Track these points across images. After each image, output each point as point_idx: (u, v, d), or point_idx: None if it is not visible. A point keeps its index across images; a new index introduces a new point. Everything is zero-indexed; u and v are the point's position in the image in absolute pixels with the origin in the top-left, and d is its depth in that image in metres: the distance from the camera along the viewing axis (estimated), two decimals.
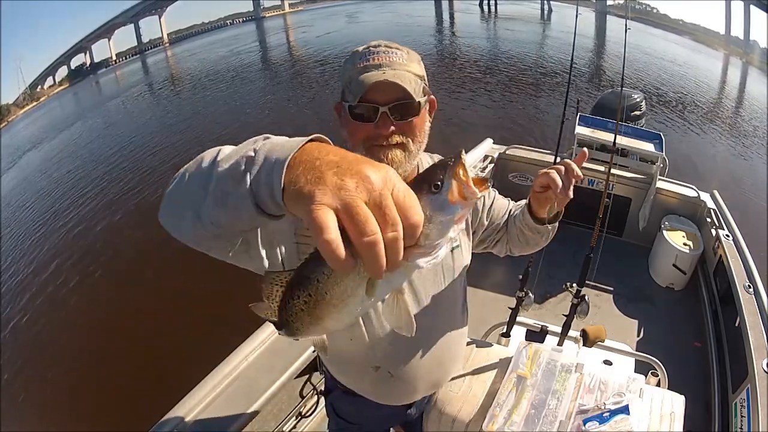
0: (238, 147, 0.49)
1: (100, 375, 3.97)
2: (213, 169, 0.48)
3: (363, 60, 0.80)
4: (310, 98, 11.88)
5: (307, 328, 0.48)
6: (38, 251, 6.72)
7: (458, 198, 0.38)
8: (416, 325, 0.78)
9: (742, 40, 22.29)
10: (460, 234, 0.97)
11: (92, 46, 33.71)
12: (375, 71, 0.78)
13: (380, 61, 0.80)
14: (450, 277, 0.96)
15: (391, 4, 30.19)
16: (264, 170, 0.42)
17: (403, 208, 0.36)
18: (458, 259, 0.97)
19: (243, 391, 1.38)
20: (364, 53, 0.81)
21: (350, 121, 0.81)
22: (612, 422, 0.96)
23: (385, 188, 0.36)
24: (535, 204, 0.94)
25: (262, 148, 0.44)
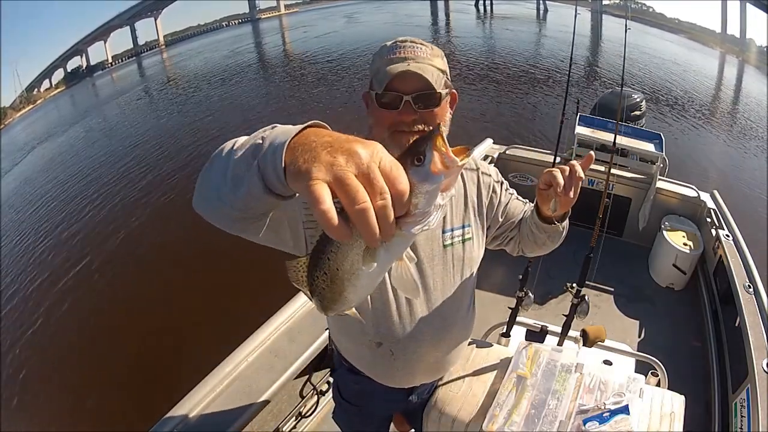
0: (251, 135, 0.54)
1: (99, 375, 3.96)
2: (230, 156, 0.54)
3: (390, 53, 0.87)
4: (309, 98, 11.88)
5: (335, 305, 0.52)
6: (38, 251, 6.72)
7: (441, 167, 0.41)
8: (422, 309, 0.92)
9: (738, 39, 22.29)
10: (476, 229, 1.00)
11: (88, 49, 33.73)
12: (400, 63, 0.84)
13: (406, 54, 0.86)
14: (459, 266, 0.99)
15: (388, 4, 30.20)
16: (269, 153, 0.47)
17: (390, 179, 0.39)
18: (469, 251, 1.00)
19: (243, 391, 1.38)
20: (392, 47, 0.88)
21: (377, 108, 0.87)
22: (612, 422, 0.96)
23: (372, 161, 0.39)
24: (540, 202, 1.00)
25: (269, 136, 0.50)
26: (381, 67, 0.86)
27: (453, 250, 0.96)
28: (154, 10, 35.62)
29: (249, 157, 0.50)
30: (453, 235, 0.96)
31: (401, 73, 0.83)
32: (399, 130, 0.85)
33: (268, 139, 0.49)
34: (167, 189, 7.57)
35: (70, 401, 3.81)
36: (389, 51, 0.88)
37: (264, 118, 10.51)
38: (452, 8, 29.43)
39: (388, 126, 0.86)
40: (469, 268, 1.02)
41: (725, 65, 17.72)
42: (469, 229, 0.99)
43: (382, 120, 0.87)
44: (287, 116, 10.61)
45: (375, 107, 0.88)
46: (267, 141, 0.49)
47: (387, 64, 0.86)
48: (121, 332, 4.41)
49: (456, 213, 0.98)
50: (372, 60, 0.92)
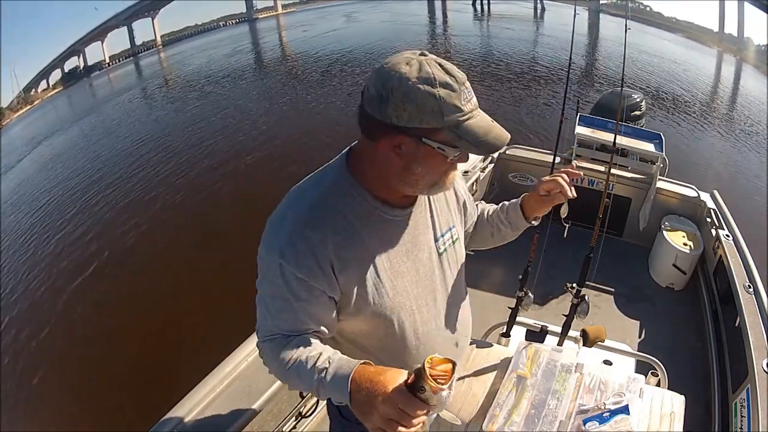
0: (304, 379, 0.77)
1: (99, 375, 3.97)
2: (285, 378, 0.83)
3: (466, 101, 0.73)
4: (306, 98, 11.88)
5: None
6: (38, 251, 6.72)
7: (435, 389, 0.62)
8: (437, 323, 0.96)
9: (736, 37, 22.28)
10: (459, 227, 1.00)
11: (86, 49, 33.53)
12: (481, 118, 0.76)
13: (473, 100, 0.75)
14: (455, 268, 0.99)
15: (385, 4, 30.13)
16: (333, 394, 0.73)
17: (408, 410, 0.63)
18: (459, 251, 1.00)
19: (243, 391, 1.38)
20: (462, 92, 0.72)
21: (444, 162, 0.77)
22: (612, 422, 0.96)
23: (396, 410, 0.64)
24: (537, 205, 1.04)
25: (321, 388, 0.75)
26: (462, 121, 0.72)
27: (447, 255, 0.96)
28: (152, 10, 35.51)
29: (316, 392, 0.76)
30: (444, 241, 0.95)
31: (502, 138, 0.76)
32: (451, 171, 0.81)
33: (323, 391, 0.74)
34: (169, 189, 7.57)
35: (70, 401, 3.82)
36: (466, 97, 0.73)
37: (263, 118, 10.52)
38: (449, 7, 29.39)
39: (445, 171, 0.80)
40: (462, 266, 1.02)
41: (724, 64, 17.71)
42: (455, 229, 0.99)
43: (440, 169, 0.79)
44: (286, 116, 10.61)
45: (442, 161, 0.77)
46: (322, 392, 0.75)
47: (469, 117, 0.73)
48: (121, 332, 4.42)
49: (442, 217, 0.96)
50: (424, 98, 0.70)
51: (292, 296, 0.79)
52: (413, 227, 0.88)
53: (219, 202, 6.86)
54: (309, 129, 9.16)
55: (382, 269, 0.84)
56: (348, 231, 0.80)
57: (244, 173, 7.73)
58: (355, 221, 0.81)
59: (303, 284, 0.78)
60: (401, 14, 26.25)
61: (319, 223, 0.78)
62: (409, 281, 0.88)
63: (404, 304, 0.88)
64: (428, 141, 0.73)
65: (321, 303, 0.81)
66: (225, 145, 9.19)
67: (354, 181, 0.83)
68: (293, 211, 0.80)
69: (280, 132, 9.43)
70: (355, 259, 0.81)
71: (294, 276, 0.77)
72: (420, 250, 0.90)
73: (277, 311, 0.81)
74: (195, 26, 38.71)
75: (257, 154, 8.45)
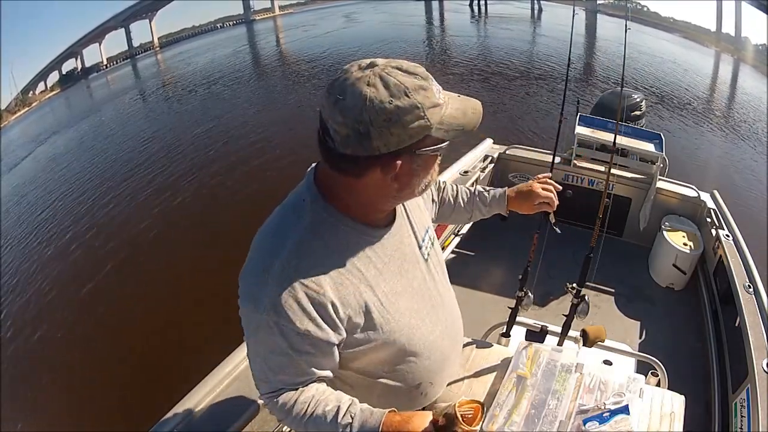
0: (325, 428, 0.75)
1: (99, 375, 3.97)
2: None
3: (437, 92, 0.69)
4: (304, 98, 11.89)
5: None
6: (38, 253, 6.72)
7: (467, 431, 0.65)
8: (441, 332, 0.95)
9: (733, 37, 22.27)
10: (431, 225, 0.99)
11: (83, 51, 33.45)
12: (456, 99, 0.73)
13: (439, 88, 0.71)
14: (440, 268, 0.99)
15: (383, 5, 30.19)
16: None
17: None
18: (438, 250, 1.00)
19: (243, 391, 1.38)
20: (432, 85, 0.69)
21: (434, 162, 0.75)
22: (612, 422, 0.96)
23: None
24: (524, 207, 1.16)
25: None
26: (443, 114, 0.69)
27: (431, 259, 0.94)
28: (149, 11, 35.50)
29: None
30: (425, 245, 0.93)
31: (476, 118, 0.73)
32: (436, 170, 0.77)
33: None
34: (169, 189, 7.58)
35: (70, 401, 3.82)
36: (429, 94, 0.67)
37: (261, 119, 10.51)
38: (447, 8, 29.40)
39: (432, 170, 0.76)
40: (443, 264, 1.02)
41: (722, 64, 17.70)
42: (431, 229, 0.97)
43: (429, 169, 0.75)
44: (284, 116, 10.59)
45: (433, 162, 0.74)
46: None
47: (444, 106, 0.69)
48: (121, 332, 4.42)
49: (419, 221, 0.92)
50: (399, 113, 0.64)
51: (294, 352, 0.73)
52: (399, 241, 0.86)
53: (219, 202, 6.86)
54: (308, 129, 9.15)
55: (383, 295, 0.80)
56: (343, 268, 0.75)
57: (243, 173, 7.74)
58: (348, 255, 0.76)
59: (306, 339, 0.72)
60: (399, 15, 26.27)
61: (312, 269, 0.72)
62: (407, 298, 0.86)
63: (409, 323, 0.86)
64: (422, 151, 0.69)
65: (326, 353, 0.76)
66: (225, 145, 9.20)
67: (336, 212, 0.76)
68: (277, 260, 0.72)
69: (280, 132, 9.44)
70: (355, 294, 0.76)
71: (294, 332, 0.71)
72: (409, 263, 0.87)
73: (278, 367, 0.76)
74: (192, 28, 38.67)
75: (257, 154, 8.45)
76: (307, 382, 0.78)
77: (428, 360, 0.92)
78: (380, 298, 0.80)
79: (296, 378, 0.77)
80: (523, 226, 2.03)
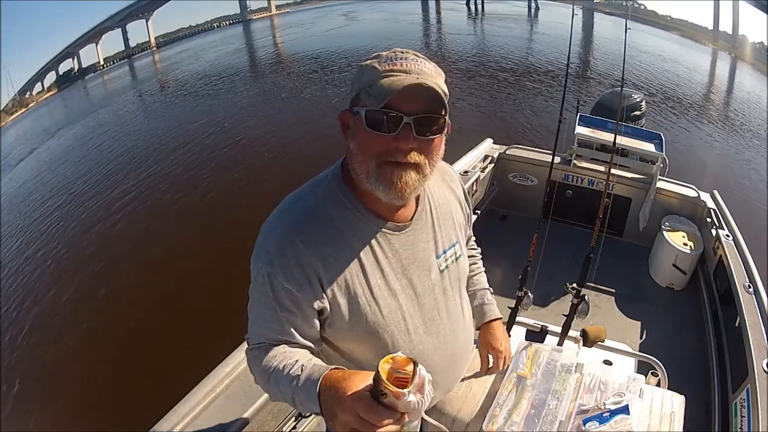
0: (282, 386, 0.74)
1: (99, 375, 3.97)
2: (267, 388, 0.80)
3: (389, 63, 0.71)
4: (301, 99, 11.88)
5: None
6: (38, 253, 6.72)
7: (397, 394, 0.55)
8: (437, 338, 0.92)
9: (730, 35, 22.29)
10: (462, 245, 0.97)
11: (80, 51, 33.49)
12: (404, 76, 0.70)
13: (408, 67, 0.71)
14: (457, 285, 0.96)
15: (380, 4, 30.24)
16: (308, 406, 0.69)
17: (370, 419, 0.57)
18: (462, 267, 0.97)
19: (243, 391, 1.38)
20: (390, 57, 0.72)
21: (364, 130, 0.71)
22: (612, 422, 0.96)
23: (355, 418, 0.58)
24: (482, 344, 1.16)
25: (296, 397, 0.71)
26: (375, 80, 0.70)
27: (449, 272, 0.91)
28: (146, 11, 35.50)
29: (292, 402, 0.73)
30: (447, 257, 0.91)
31: (410, 87, 0.67)
32: (390, 160, 0.72)
33: (298, 402, 0.71)
34: (169, 190, 7.57)
35: (70, 401, 3.81)
36: (387, 60, 0.72)
37: (259, 119, 10.51)
38: (443, 7, 29.41)
39: (378, 153, 0.72)
40: (464, 283, 1.00)
41: (722, 63, 17.73)
42: (458, 245, 0.94)
43: (370, 146, 0.72)
44: (281, 117, 10.59)
45: (362, 129, 0.72)
46: (297, 404, 0.72)
47: (385, 75, 0.70)
48: (120, 333, 4.41)
49: (445, 233, 0.91)
50: (358, 71, 0.74)
51: (278, 306, 0.77)
52: (411, 243, 0.85)
53: (218, 203, 6.85)
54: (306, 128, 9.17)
55: (375, 286, 0.80)
56: (340, 243, 0.78)
57: (243, 173, 7.73)
58: (348, 233, 0.79)
59: (288, 294, 0.76)
60: (396, 14, 26.30)
61: (309, 231, 0.76)
62: (404, 299, 0.84)
63: (399, 324, 0.84)
64: (355, 108, 0.74)
65: (307, 316, 0.78)
66: (224, 143, 9.20)
67: (347, 191, 0.80)
68: (286, 217, 0.78)
69: (279, 132, 9.44)
70: (345, 272, 0.78)
71: (281, 285, 0.75)
72: (418, 267, 0.86)
73: (264, 320, 0.80)
74: (189, 27, 38.82)
75: (257, 152, 8.46)
76: (288, 343, 0.80)
77: None
78: (372, 288, 0.80)
79: (277, 335, 0.79)
80: (523, 226, 2.03)
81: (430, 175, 0.77)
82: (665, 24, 24.86)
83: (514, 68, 12.81)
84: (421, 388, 0.57)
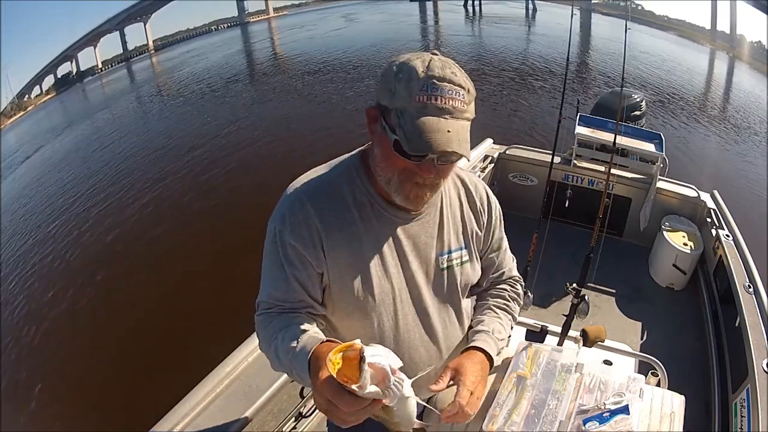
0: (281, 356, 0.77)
1: (99, 375, 3.97)
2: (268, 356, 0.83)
3: (424, 93, 0.70)
4: (297, 100, 11.89)
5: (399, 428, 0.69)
6: (38, 254, 6.72)
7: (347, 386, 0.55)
8: (426, 330, 0.92)
9: (728, 35, 22.30)
10: (473, 252, 0.94)
11: (78, 55, 33.36)
12: (437, 119, 0.70)
13: (444, 104, 0.70)
14: (456, 289, 0.94)
15: (378, 6, 30.26)
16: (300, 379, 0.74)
17: (337, 403, 0.58)
18: (467, 273, 0.95)
19: (243, 391, 1.38)
20: (427, 84, 0.70)
21: (391, 150, 0.74)
22: (612, 422, 0.96)
23: (324, 401, 0.60)
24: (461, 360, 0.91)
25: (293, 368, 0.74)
26: (409, 111, 0.70)
27: (449, 273, 0.92)
28: (144, 14, 35.46)
29: (290, 373, 0.77)
30: (451, 258, 0.91)
31: (441, 145, 0.69)
32: (412, 180, 0.76)
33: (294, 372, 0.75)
34: (168, 190, 7.58)
35: (70, 401, 3.81)
36: (423, 88, 0.69)
37: (257, 119, 10.51)
38: (441, 8, 29.40)
39: (400, 170, 0.76)
40: (466, 289, 0.98)
41: (720, 63, 17.72)
42: (465, 251, 0.94)
43: (394, 162, 0.76)
44: (278, 115, 10.59)
45: (388, 146, 0.75)
46: (294, 374, 0.76)
47: (419, 111, 0.70)
48: (120, 333, 4.41)
49: (453, 235, 0.92)
50: (393, 76, 0.72)
51: (286, 262, 0.81)
52: (414, 235, 0.87)
53: (218, 203, 6.86)
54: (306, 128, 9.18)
55: (373, 264, 0.84)
56: (345, 216, 0.82)
57: (243, 172, 7.74)
58: (355, 209, 0.83)
59: (295, 251, 0.80)
60: (395, 16, 26.29)
61: (320, 200, 0.81)
62: (398, 285, 0.86)
63: (388, 307, 0.86)
64: (383, 117, 0.75)
65: (311, 275, 0.82)
66: (224, 143, 9.20)
67: (363, 173, 0.85)
68: (303, 184, 0.84)
69: (279, 132, 9.44)
70: (345, 245, 0.82)
71: (288, 243, 0.80)
72: (417, 259, 0.88)
73: (272, 279, 0.84)
74: (187, 30, 38.75)
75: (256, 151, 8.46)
76: (295, 308, 0.83)
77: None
78: (369, 265, 0.83)
79: (285, 294, 0.83)
80: (523, 226, 2.03)
81: (443, 185, 0.85)
82: (663, 24, 24.87)
83: (513, 68, 12.81)
84: (384, 379, 0.57)
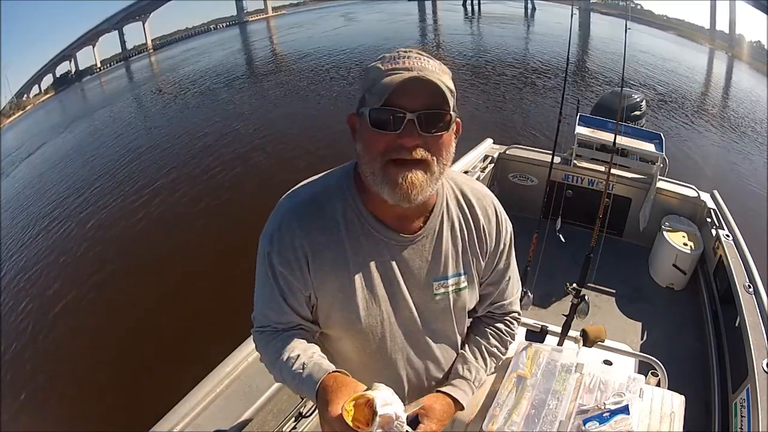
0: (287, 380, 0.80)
1: (99, 375, 3.97)
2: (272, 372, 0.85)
3: (391, 62, 0.71)
4: (298, 98, 11.88)
5: None
6: (38, 253, 6.72)
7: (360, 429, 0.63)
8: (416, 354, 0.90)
9: (727, 35, 22.31)
10: (473, 275, 0.89)
11: (77, 54, 33.29)
12: (405, 72, 0.69)
13: (411, 65, 0.70)
14: (449, 316, 0.90)
15: (379, 5, 30.24)
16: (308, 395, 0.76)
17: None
18: (463, 300, 0.90)
19: (243, 391, 1.38)
20: (393, 57, 0.72)
21: (369, 129, 0.71)
22: (612, 422, 0.96)
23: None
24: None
25: (300, 392, 0.78)
26: (378, 79, 0.70)
27: (443, 299, 0.86)
28: (142, 13, 35.43)
29: (295, 389, 0.80)
30: (447, 284, 0.86)
31: (406, 83, 0.67)
32: (395, 158, 0.70)
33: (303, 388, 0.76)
34: (167, 191, 7.58)
35: (70, 401, 3.81)
36: (390, 60, 0.71)
37: (255, 119, 10.51)
38: (440, 7, 29.39)
39: (383, 151, 0.70)
40: (464, 316, 0.94)
41: (719, 62, 17.71)
42: (463, 276, 0.88)
43: (375, 144, 0.70)
44: (280, 117, 10.59)
45: (367, 128, 0.71)
46: (302, 391, 0.77)
47: (387, 74, 0.69)
48: (120, 333, 4.41)
49: (452, 260, 0.86)
50: (364, 73, 0.75)
51: (276, 286, 0.80)
52: (408, 258, 0.82)
53: (218, 204, 6.86)
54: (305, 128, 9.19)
55: (359, 287, 0.80)
56: (334, 235, 0.78)
57: (243, 172, 7.74)
58: (344, 228, 0.79)
59: (283, 277, 0.79)
60: (393, 15, 26.27)
61: (308, 218, 0.79)
62: (386, 308, 0.82)
63: (375, 329, 0.83)
64: (360, 109, 0.74)
65: (299, 299, 0.81)
66: (224, 143, 9.20)
67: (355, 190, 0.80)
68: (292, 201, 0.81)
69: (279, 132, 9.44)
70: (332, 265, 0.78)
71: (277, 269, 0.79)
72: (410, 283, 0.83)
73: (265, 299, 0.83)
74: (186, 29, 38.69)
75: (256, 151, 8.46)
76: (290, 327, 0.83)
77: (381, 378, 0.77)
78: (356, 287, 0.80)
79: (279, 317, 0.83)
80: (523, 226, 2.03)
81: (440, 175, 0.74)
82: (662, 24, 24.87)
83: (513, 68, 12.80)
84: (388, 424, 0.63)
